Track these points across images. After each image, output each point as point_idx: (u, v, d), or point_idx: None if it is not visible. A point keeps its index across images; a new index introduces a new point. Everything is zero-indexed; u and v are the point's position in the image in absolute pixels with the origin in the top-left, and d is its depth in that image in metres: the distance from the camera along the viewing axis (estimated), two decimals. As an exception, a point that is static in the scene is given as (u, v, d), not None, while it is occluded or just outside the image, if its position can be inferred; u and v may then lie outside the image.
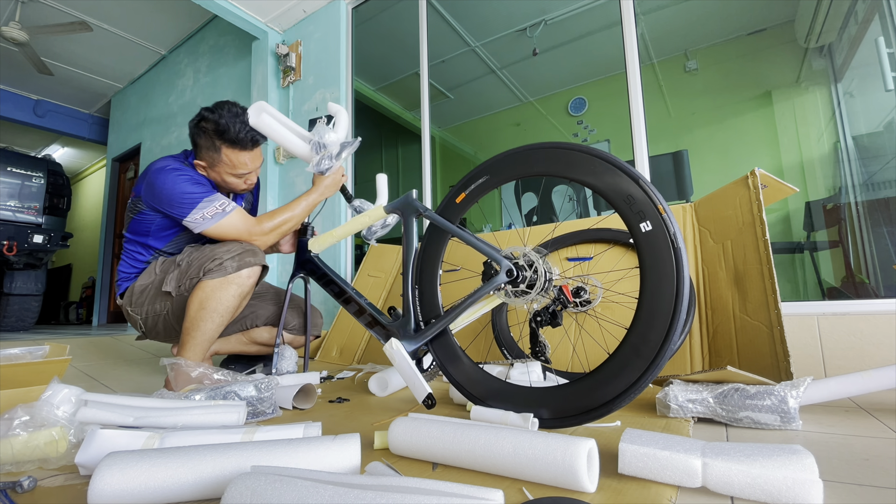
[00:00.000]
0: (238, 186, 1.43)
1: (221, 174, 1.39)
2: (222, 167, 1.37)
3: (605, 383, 0.80)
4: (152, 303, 1.40)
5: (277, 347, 1.45)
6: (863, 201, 2.21)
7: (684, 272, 0.76)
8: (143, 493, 0.57)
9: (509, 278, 0.98)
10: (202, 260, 1.30)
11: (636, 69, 1.97)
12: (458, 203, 1.07)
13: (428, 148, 2.62)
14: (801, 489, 0.54)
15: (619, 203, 0.84)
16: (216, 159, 1.36)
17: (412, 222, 1.15)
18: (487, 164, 1.03)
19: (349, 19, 3.02)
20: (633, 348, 0.78)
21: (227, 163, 1.36)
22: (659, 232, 0.79)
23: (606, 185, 0.85)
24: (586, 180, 0.87)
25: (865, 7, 2.17)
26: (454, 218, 1.08)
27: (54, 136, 5.99)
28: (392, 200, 1.24)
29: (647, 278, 0.79)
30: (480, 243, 1.01)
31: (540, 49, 3.34)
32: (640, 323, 0.78)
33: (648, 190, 0.81)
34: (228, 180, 1.40)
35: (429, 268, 1.10)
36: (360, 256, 2.43)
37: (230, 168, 1.37)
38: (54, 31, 3.55)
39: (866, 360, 1.29)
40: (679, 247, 0.77)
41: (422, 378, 1.00)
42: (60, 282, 6.79)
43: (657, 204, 0.80)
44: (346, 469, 0.65)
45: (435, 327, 1.04)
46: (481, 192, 1.04)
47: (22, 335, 3.33)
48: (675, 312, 0.75)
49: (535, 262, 0.98)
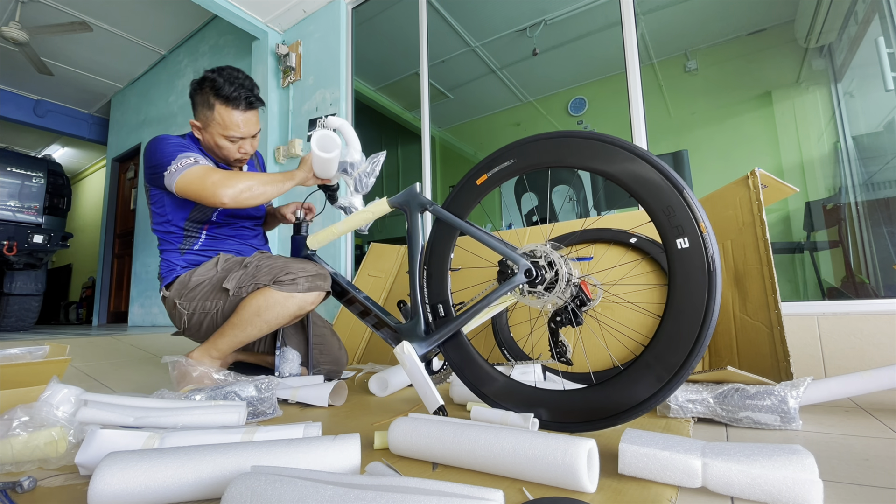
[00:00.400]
0: (231, 153, 1.39)
1: (213, 136, 1.36)
2: (214, 126, 1.35)
3: (619, 396, 0.77)
4: (205, 299, 1.36)
5: (279, 350, 1.42)
6: (863, 201, 2.21)
7: (716, 298, 0.71)
8: (143, 493, 0.57)
9: (528, 278, 0.92)
10: (275, 270, 1.28)
11: (636, 69, 1.97)
12: (479, 185, 0.98)
13: (428, 148, 2.62)
14: (801, 489, 0.54)
15: (658, 213, 0.77)
16: (209, 118, 1.35)
17: (417, 218, 1.08)
18: (514, 146, 0.93)
19: (349, 19, 3.02)
20: (649, 368, 0.75)
21: (219, 122, 1.34)
22: (696, 251, 0.73)
23: (647, 191, 0.78)
24: (625, 182, 0.80)
25: (865, 7, 2.17)
26: (466, 207, 1.00)
27: (54, 136, 5.99)
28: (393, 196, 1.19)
29: (674, 298, 0.75)
30: (495, 241, 0.96)
31: (540, 49, 3.34)
32: (661, 343, 0.74)
33: (692, 204, 0.74)
34: (220, 143, 1.36)
35: (437, 265, 1.03)
36: (360, 256, 2.43)
37: (221, 128, 1.34)
38: (54, 31, 3.55)
39: (866, 360, 1.29)
40: (715, 270, 0.71)
41: (434, 388, 0.96)
42: (60, 282, 6.79)
43: (699, 221, 0.73)
44: (347, 469, 0.65)
45: (447, 329, 0.99)
46: (504, 177, 0.95)
47: (22, 335, 3.33)
48: (699, 339, 0.71)
49: (556, 261, 0.93)
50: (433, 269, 1.03)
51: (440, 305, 1.02)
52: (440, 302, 1.02)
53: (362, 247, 3.25)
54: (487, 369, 0.94)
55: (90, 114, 5.65)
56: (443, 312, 1.02)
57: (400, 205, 1.12)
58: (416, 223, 1.08)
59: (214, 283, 1.35)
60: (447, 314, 1.01)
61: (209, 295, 1.35)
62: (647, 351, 0.76)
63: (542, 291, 0.93)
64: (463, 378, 0.97)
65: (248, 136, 1.39)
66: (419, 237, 1.07)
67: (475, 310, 0.97)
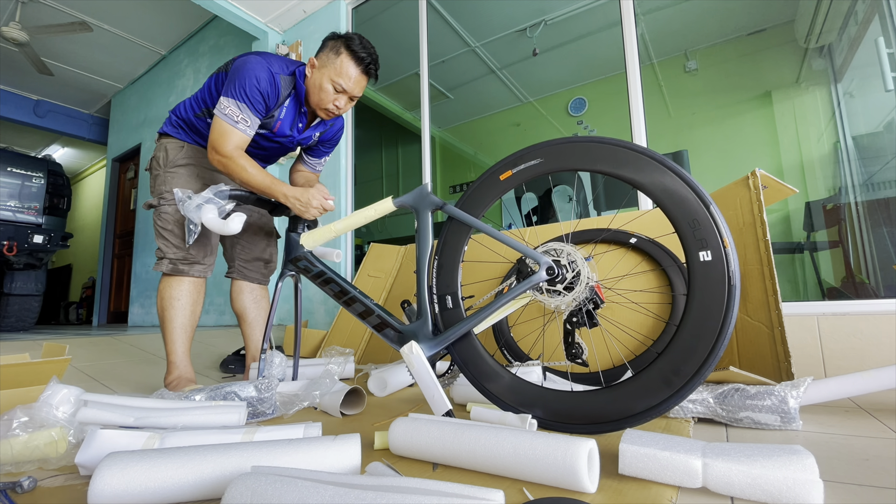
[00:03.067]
0: (327, 99, 1.42)
1: (324, 77, 1.40)
2: (330, 69, 1.39)
3: (630, 401, 0.78)
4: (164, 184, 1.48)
5: (264, 353, 1.36)
6: (863, 201, 2.21)
7: (733, 312, 0.73)
8: (144, 494, 0.57)
9: (549, 276, 0.92)
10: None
11: (636, 69, 1.97)
12: (502, 181, 0.97)
13: (428, 148, 2.62)
14: (801, 489, 0.54)
15: (683, 225, 0.78)
16: (330, 60, 1.40)
17: (427, 217, 1.07)
18: (542, 146, 0.94)
19: (349, 19, 3.02)
20: (662, 376, 0.76)
21: (337, 68, 1.39)
22: (718, 265, 0.75)
23: (674, 202, 0.79)
24: (654, 192, 0.82)
25: (865, 7, 2.17)
26: (482, 205, 0.99)
27: (54, 136, 5.99)
28: (398, 197, 1.16)
29: (692, 309, 0.76)
30: (513, 239, 0.95)
31: (540, 49, 3.34)
32: (674, 352, 0.76)
33: (717, 219, 0.76)
34: (325, 86, 1.40)
35: (449, 256, 1.02)
36: (361, 256, 2.43)
37: (335, 73, 1.39)
38: (54, 31, 3.55)
39: (866, 360, 1.29)
40: (735, 285, 0.73)
41: (442, 391, 0.93)
42: (60, 282, 6.79)
43: (723, 236, 0.75)
44: (347, 469, 0.65)
45: (458, 329, 0.97)
46: (529, 175, 0.95)
47: (22, 335, 3.33)
48: (713, 349, 0.73)
49: (577, 260, 0.93)
50: (444, 260, 1.03)
51: (448, 297, 1.01)
52: (449, 294, 1.01)
53: (362, 247, 3.26)
54: (489, 361, 0.94)
55: (90, 114, 5.65)
56: (451, 304, 1.01)
57: (409, 205, 1.10)
58: (427, 223, 1.07)
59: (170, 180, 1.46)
60: (455, 306, 1.01)
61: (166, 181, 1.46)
62: (662, 358, 0.77)
63: (561, 291, 0.93)
64: (463, 369, 0.96)
65: (352, 93, 1.43)
66: (429, 237, 1.06)
67: (493, 308, 0.95)
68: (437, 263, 1.03)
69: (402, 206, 1.12)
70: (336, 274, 1.25)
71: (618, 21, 2.05)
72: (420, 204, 1.08)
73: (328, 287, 1.24)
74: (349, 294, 1.20)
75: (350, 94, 1.43)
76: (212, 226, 1.25)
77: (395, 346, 1.06)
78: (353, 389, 1.14)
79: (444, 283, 1.02)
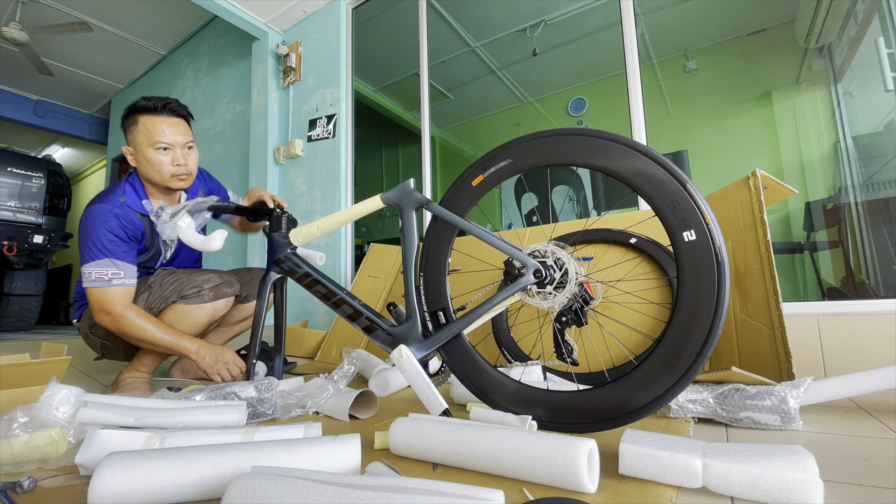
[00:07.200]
0: (164, 167, 1.34)
1: (143, 152, 1.34)
2: (141, 140, 1.34)
3: (635, 392, 0.77)
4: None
5: (255, 363, 1.33)
6: (863, 201, 2.21)
7: (725, 287, 0.72)
8: (144, 494, 0.57)
9: (537, 279, 0.91)
10: (180, 286, 1.36)
11: (636, 69, 1.97)
12: (475, 186, 0.95)
13: (428, 148, 2.62)
14: (801, 489, 0.54)
15: (663, 207, 0.77)
16: (136, 133, 1.34)
17: (411, 216, 1.02)
18: (510, 146, 0.92)
19: (349, 19, 3.02)
20: (664, 361, 0.75)
21: (144, 132, 1.33)
22: (703, 243, 0.74)
23: (650, 186, 0.78)
24: (628, 178, 0.80)
25: (865, 7, 2.17)
26: (462, 208, 0.96)
27: (54, 136, 5.99)
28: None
29: (684, 290, 0.75)
30: (499, 240, 0.92)
31: (540, 49, 3.34)
32: (673, 336, 0.75)
33: (696, 197, 0.75)
34: (150, 156, 1.33)
35: (434, 271, 0.99)
36: (360, 257, 2.43)
37: (147, 138, 1.33)
38: (54, 31, 3.55)
39: (866, 360, 1.29)
40: (723, 261, 0.73)
41: (436, 391, 0.92)
42: (60, 282, 6.78)
43: (704, 213, 0.75)
44: (347, 469, 0.65)
45: (449, 331, 0.95)
46: (501, 178, 0.93)
47: (22, 335, 3.33)
48: (712, 328, 0.72)
49: (566, 261, 0.91)
50: (430, 276, 0.99)
51: (440, 313, 0.98)
52: (440, 309, 0.98)
53: (362, 247, 3.26)
54: (490, 371, 0.92)
55: (90, 114, 5.65)
56: (444, 320, 0.98)
57: (393, 202, 1.05)
58: (411, 221, 1.02)
59: None
60: (448, 321, 0.97)
61: None
62: (661, 345, 0.76)
63: (551, 292, 0.91)
64: (465, 382, 0.95)
65: (178, 144, 1.36)
66: (414, 236, 1.02)
67: (481, 311, 0.94)
68: (423, 280, 1.00)
69: (387, 203, 1.07)
70: (323, 275, 1.20)
71: (618, 21, 2.05)
72: (403, 201, 1.03)
73: (315, 289, 1.19)
74: (337, 296, 1.15)
75: (177, 146, 1.36)
76: (192, 243, 1.20)
77: (386, 349, 1.03)
78: (364, 392, 1.10)
79: (433, 300, 0.99)
